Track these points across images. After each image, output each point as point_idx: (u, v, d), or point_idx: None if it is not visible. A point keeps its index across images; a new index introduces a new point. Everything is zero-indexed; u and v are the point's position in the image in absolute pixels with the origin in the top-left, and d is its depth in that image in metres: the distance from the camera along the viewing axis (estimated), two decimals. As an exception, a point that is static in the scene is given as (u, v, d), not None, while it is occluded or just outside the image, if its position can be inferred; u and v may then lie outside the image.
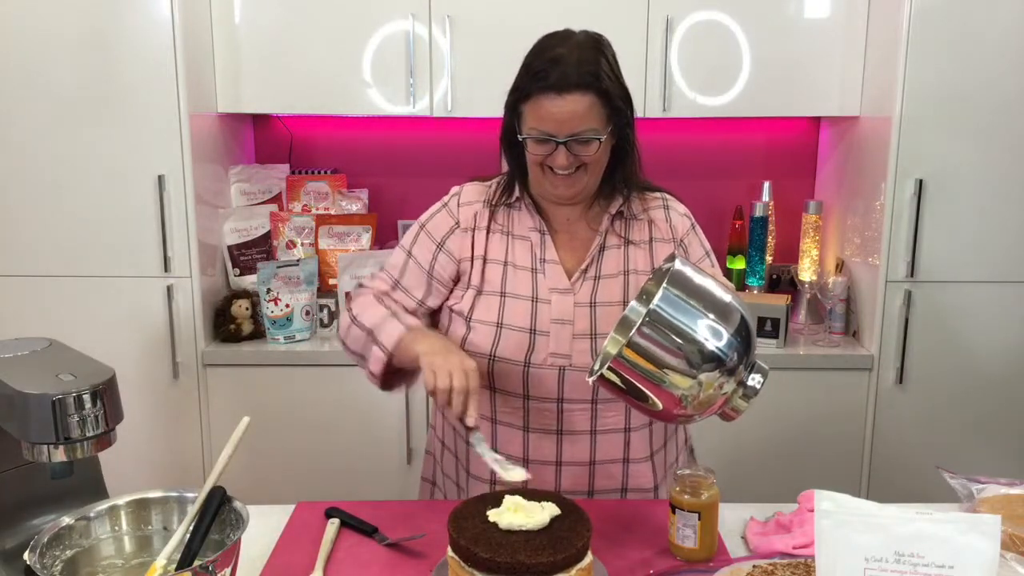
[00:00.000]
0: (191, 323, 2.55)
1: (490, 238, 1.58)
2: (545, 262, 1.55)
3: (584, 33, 1.51)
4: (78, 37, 2.40)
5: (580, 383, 1.51)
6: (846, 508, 1.12)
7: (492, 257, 1.57)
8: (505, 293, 1.55)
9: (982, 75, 2.41)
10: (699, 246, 1.61)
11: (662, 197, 1.63)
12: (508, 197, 1.58)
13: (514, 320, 1.53)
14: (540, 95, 1.42)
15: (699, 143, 3.03)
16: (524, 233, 1.57)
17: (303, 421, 2.60)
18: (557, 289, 1.54)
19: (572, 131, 1.42)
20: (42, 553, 1.14)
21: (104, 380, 1.26)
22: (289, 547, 1.41)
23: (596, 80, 1.42)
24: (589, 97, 1.42)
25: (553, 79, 1.41)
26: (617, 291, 1.54)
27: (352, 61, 2.62)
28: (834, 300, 2.66)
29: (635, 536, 1.43)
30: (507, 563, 1.17)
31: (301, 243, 2.78)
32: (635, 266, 1.56)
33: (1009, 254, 2.50)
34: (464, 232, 1.58)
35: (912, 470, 2.58)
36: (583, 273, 1.55)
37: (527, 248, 1.57)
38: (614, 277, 1.55)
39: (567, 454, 1.56)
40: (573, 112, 1.41)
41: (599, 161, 1.49)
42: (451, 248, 1.58)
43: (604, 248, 1.56)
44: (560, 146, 1.43)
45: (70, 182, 2.48)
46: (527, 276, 1.55)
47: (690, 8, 2.59)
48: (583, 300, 1.53)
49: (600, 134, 1.44)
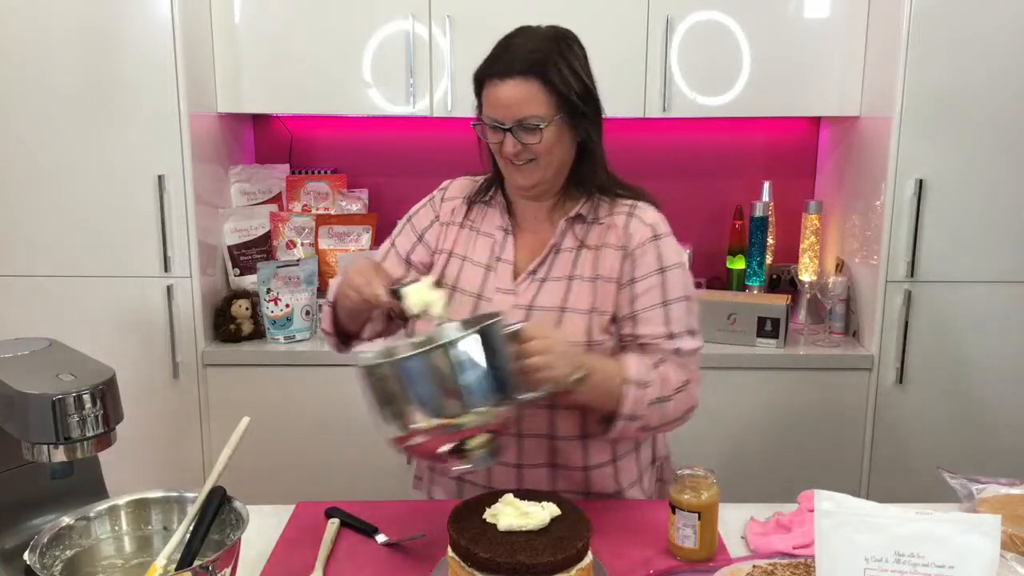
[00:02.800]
0: (191, 323, 2.55)
1: (460, 233, 1.61)
2: (499, 260, 1.56)
3: (551, 27, 1.52)
4: (78, 37, 2.40)
5: None
6: (846, 508, 1.12)
7: (456, 252, 1.60)
8: (456, 288, 1.57)
9: (982, 75, 2.41)
10: (653, 259, 1.51)
11: (632, 204, 1.56)
12: (485, 194, 1.61)
13: (456, 316, 1.53)
14: (487, 81, 1.45)
15: (699, 143, 3.03)
16: (491, 231, 1.59)
17: (303, 421, 2.60)
18: (502, 289, 1.54)
19: (516, 117, 1.43)
20: (42, 553, 1.14)
21: (104, 380, 1.26)
22: (289, 547, 1.41)
23: (541, 67, 1.43)
24: (532, 83, 1.42)
25: (499, 64, 1.44)
26: (557, 296, 1.52)
27: (352, 61, 2.62)
28: (834, 300, 2.66)
29: (635, 536, 1.43)
30: (507, 563, 1.17)
31: (301, 243, 2.78)
32: (582, 271, 1.52)
33: (1009, 254, 2.50)
34: (442, 226, 1.62)
35: (912, 470, 2.58)
36: (530, 275, 1.54)
37: (488, 245, 1.58)
38: (558, 281, 1.53)
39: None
40: (515, 97, 1.42)
41: (551, 153, 1.48)
42: (428, 240, 1.63)
43: (559, 251, 1.54)
44: (507, 133, 1.44)
45: (70, 182, 2.48)
46: (479, 273, 1.57)
47: (690, 8, 2.59)
48: (523, 302, 1.52)
49: (543, 121, 1.43)
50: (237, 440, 1.31)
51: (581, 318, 1.50)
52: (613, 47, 2.59)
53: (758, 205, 2.82)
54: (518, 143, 1.45)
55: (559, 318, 1.50)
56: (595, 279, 1.52)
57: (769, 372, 2.58)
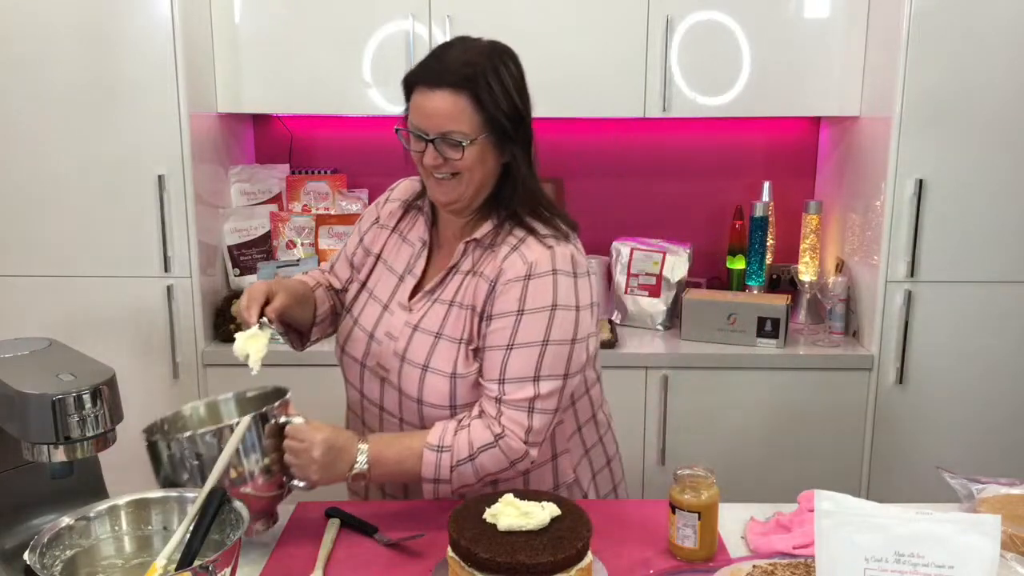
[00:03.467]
0: (191, 323, 2.55)
1: (389, 238, 1.62)
2: (410, 273, 1.56)
3: (490, 41, 1.46)
4: (78, 37, 2.40)
5: (393, 398, 1.53)
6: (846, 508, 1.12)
7: (383, 256, 1.61)
8: (372, 293, 1.59)
9: (982, 75, 2.41)
10: (514, 299, 1.42)
11: (523, 237, 1.46)
12: (418, 202, 1.60)
13: (364, 321, 1.57)
14: (416, 88, 1.42)
15: (699, 143, 3.03)
16: (413, 240, 1.59)
17: (303, 421, 2.59)
18: (402, 304, 1.55)
19: (441, 129, 1.40)
20: (42, 553, 1.14)
21: (104, 380, 1.26)
22: (289, 547, 1.41)
23: (471, 82, 1.38)
24: (461, 98, 1.38)
25: (429, 73, 1.40)
26: (438, 320, 1.49)
27: (352, 61, 2.62)
28: (834, 300, 2.66)
29: (635, 536, 1.43)
30: (507, 563, 1.17)
31: (301, 243, 2.78)
32: (462, 298, 1.49)
33: (1009, 254, 2.50)
34: (379, 228, 1.64)
35: (912, 470, 2.58)
36: (428, 293, 1.52)
37: (407, 255, 1.58)
38: (444, 304, 1.50)
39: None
40: (441, 109, 1.39)
41: (473, 170, 1.43)
42: (366, 242, 1.65)
43: (456, 272, 1.51)
44: (428, 144, 1.41)
45: (70, 182, 2.48)
46: (392, 282, 1.58)
47: (690, 8, 2.59)
48: (412, 321, 1.51)
49: (467, 138, 1.40)
50: (237, 440, 1.31)
51: (452, 347, 1.48)
52: (613, 47, 2.59)
53: (758, 205, 2.82)
54: (439, 156, 1.41)
55: (434, 343, 1.48)
56: (467, 308, 1.48)
57: (769, 372, 2.58)
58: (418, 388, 1.49)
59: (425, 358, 1.48)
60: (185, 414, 1.50)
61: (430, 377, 1.48)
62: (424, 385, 1.48)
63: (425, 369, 1.48)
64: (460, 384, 1.47)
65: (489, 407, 1.44)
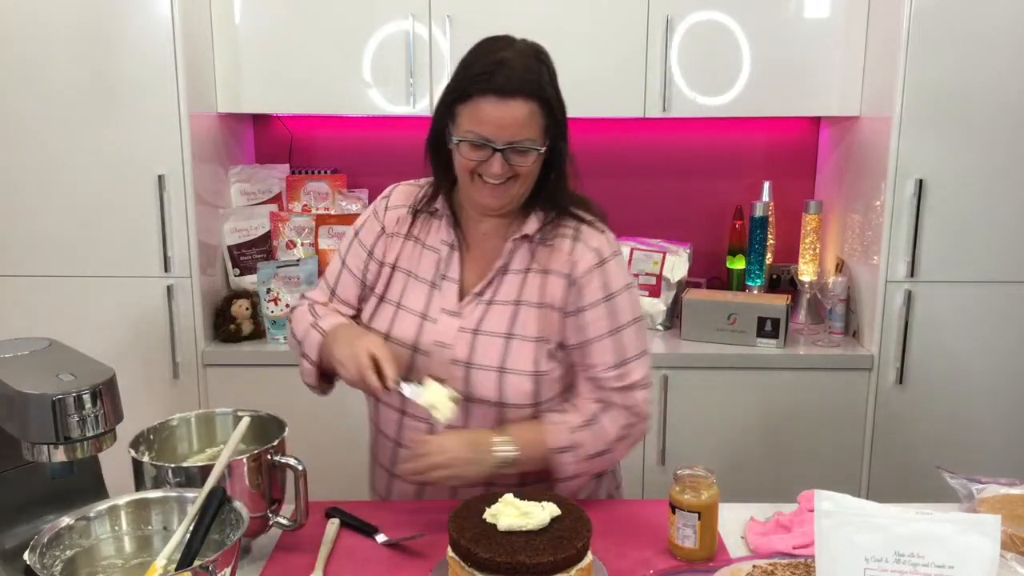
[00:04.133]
0: (191, 323, 2.55)
1: (404, 245, 1.56)
2: (444, 279, 1.52)
3: (524, 41, 1.46)
4: (78, 37, 2.40)
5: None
6: (846, 508, 1.12)
7: (400, 265, 1.55)
8: (400, 305, 1.53)
9: (982, 75, 2.41)
10: (598, 288, 1.48)
11: (576, 226, 1.51)
12: (430, 205, 1.55)
13: (400, 334, 1.51)
14: (481, 97, 1.37)
15: (699, 143, 3.03)
16: (436, 245, 1.54)
17: (303, 421, 2.58)
18: (447, 310, 1.50)
19: (511, 139, 1.38)
20: (42, 553, 1.14)
21: (104, 380, 1.26)
22: (289, 547, 1.41)
23: (539, 89, 1.39)
24: (531, 105, 1.38)
25: (497, 82, 1.36)
26: (504, 321, 1.48)
27: (352, 61, 2.62)
28: (834, 300, 2.66)
29: (635, 536, 1.43)
30: (507, 563, 1.17)
31: (301, 243, 2.78)
32: (528, 296, 1.49)
33: (1009, 254, 2.50)
34: (388, 237, 1.57)
35: (912, 470, 2.58)
36: (477, 296, 1.50)
37: (433, 261, 1.54)
38: (505, 305, 1.49)
39: None
40: (515, 118, 1.37)
41: (532, 174, 1.44)
42: (377, 255, 1.57)
43: (507, 272, 1.50)
44: (496, 153, 1.38)
45: (70, 182, 2.48)
46: (424, 290, 1.53)
47: (690, 8, 2.59)
48: (468, 326, 1.49)
49: (538, 145, 1.40)
50: (237, 440, 1.31)
51: (529, 346, 1.47)
52: (613, 47, 2.59)
53: (758, 205, 2.82)
54: (506, 164, 1.40)
55: (504, 344, 1.47)
56: (541, 306, 1.48)
57: (769, 372, 2.58)
58: (497, 391, 1.47)
59: (499, 360, 1.47)
60: (172, 424, 1.48)
61: (510, 378, 1.46)
62: (504, 387, 1.47)
63: (502, 371, 1.47)
64: (543, 382, 1.48)
65: (617, 397, 1.48)
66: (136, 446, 1.37)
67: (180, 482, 1.30)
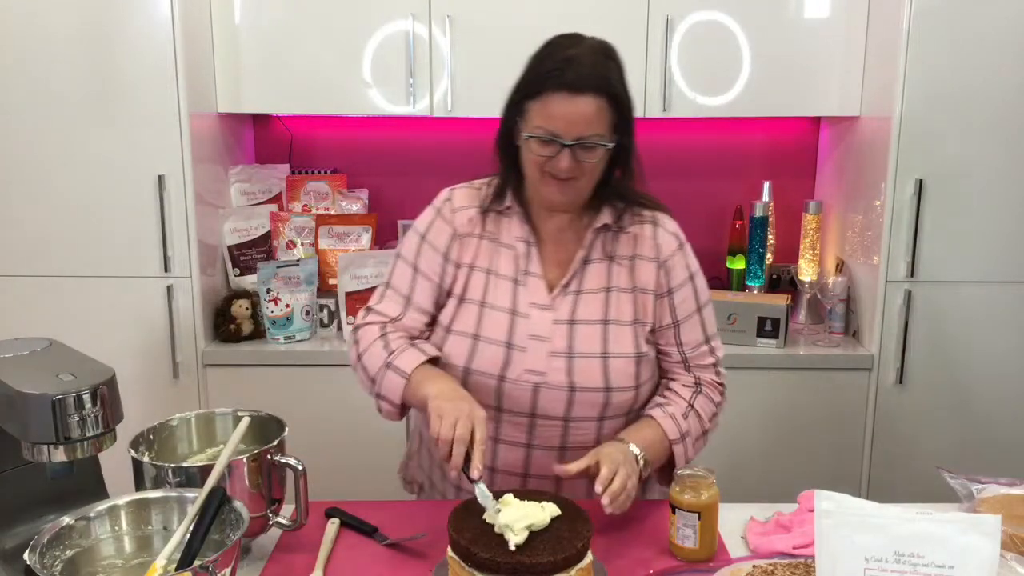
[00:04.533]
0: (191, 323, 2.55)
1: (480, 245, 1.55)
2: (527, 274, 1.53)
3: (593, 39, 1.48)
4: (78, 37, 2.40)
5: (553, 400, 1.49)
6: (846, 508, 1.12)
7: (477, 265, 1.54)
8: (485, 303, 1.52)
9: (982, 75, 2.41)
10: (683, 268, 1.56)
11: (652, 215, 1.57)
12: (499, 203, 1.55)
13: (491, 332, 1.50)
14: (552, 93, 1.39)
15: (699, 143, 3.03)
16: (511, 242, 1.55)
17: (303, 421, 2.58)
18: (537, 304, 1.51)
19: (580, 134, 1.40)
20: (42, 553, 1.14)
21: (104, 380, 1.26)
22: (289, 547, 1.41)
23: (608, 85, 1.40)
24: (601, 101, 1.39)
25: (568, 78, 1.38)
26: (597, 308, 1.51)
27: (352, 61, 2.62)
28: (834, 300, 2.66)
29: (635, 536, 1.43)
30: (507, 563, 1.17)
31: (301, 243, 2.78)
32: (618, 283, 1.53)
33: (1009, 254, 2.50)
34: (461, 239, 1.56)
35: (912, 470, 2.58)
36: (564, 288, 1.52)
37: (511, 258, 1.54)
38: (595, 293, 1.52)
39: (535, 465, 1.53)
40: (584, 114, 1.39)
41: (598, 170, 1.47)
42: (453, 258, 1.55)
43: (588, 262, 1.53)
44: (565, 149, 1.40)
45: (70, 182, 2.48)
46: (508, 287, 1.53)
47: (690, 8, 2.59)
48: (562, 317, 1.50)
49: (606, 141, 1.42)
50: (237, 440, 1.31)
51: (626, 329, 1.51)
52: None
53: (758, 205, 2.82)
54: (574, 160, 1.41)
55: (603, 331, 1.50)
56: (633, 290, 1.52)
57: (769, 372, 2.58)
58: (603, 376, 1.49)
59: (601, 346, 1.49)
60: (172, 424, 1.48)
61: (614, 362, 1.49)
62: (610, 371, 1.49)
63: (605, 356, 1.49)
64: (644, 363, 1.52)
65: (706, 375, 1.57)
66: (136, 446, 1.37)
67: (180, 482, 1.30)
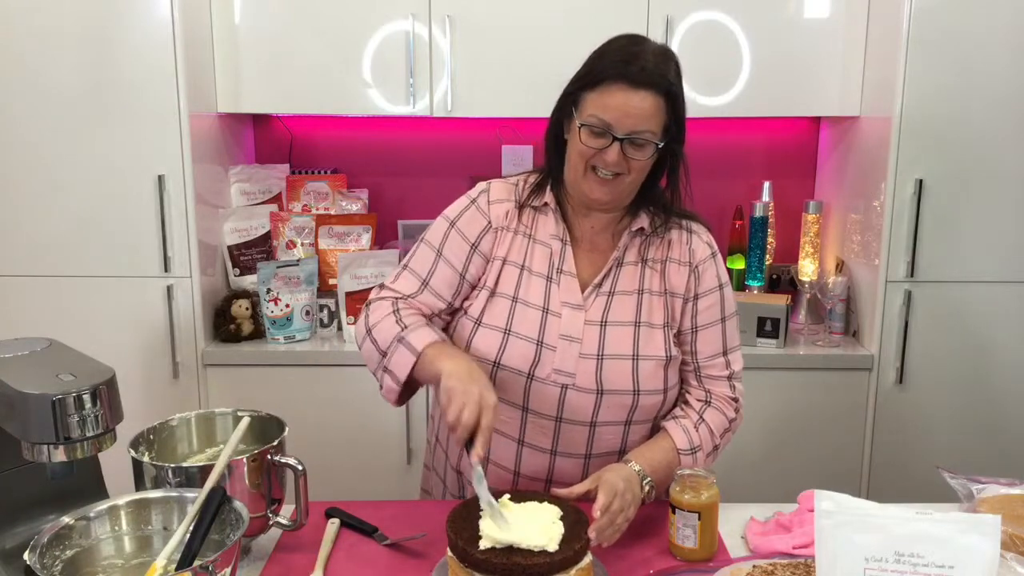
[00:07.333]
0: (191, 323, 2.55)
1: (515, 240, 1.54)
2: (561, 272, 1.51)
3: (655, 41, 1.47)
4: (78, 37, 2.40)
5: (581, 402, 1.48)
6: (846, 508, 1.12)
7: (511, 259, 1.53)
8: (517, 299, 1.50)
9: (982, 75, 2.41)
10: (714, 277, 1.55)
11: (686, 223, 1.57)
12: (537, 199, 1.54)
13: (522, 329, 1.48)
14: (613, 83, 1.38)
15: (699, 143, 3.01)
16: (545, 239, 1.53)
17: (303, 421, 2.59)
18: (569, 303, 1.50)
19: (632, 129, 1.39)
20: (42, 553, 1.14)
21: (104, 380, 1.26)
22: (289, 547, 1.41)
23: (668, 84, 1.40)
24: (659, 99, 1.39)
25: (631, 71, 1.37)
26: (630, 310, 1.50)
27: (352, 61, 2.62)
28: (834, 300, 2.66)
29: (635, 536, 1.43)
30: (506, 564, 1.17)
31: (301, 243, 2.78)
32: (651, 286, 1.52)
33: (1009, 254, 2.50)
34: (495, 232, 1.54)
35: (912, 470, 2.58)
36: (596, 288, 1.51)
37: (546, 255, 1.53)
38: (628, 295, 1.51)
39: (559, 472, 1.52)
40: (640, 109, 1.38)
41: (643, 170, 1.45)
42: (484, 249, 1.53)
43: (621, 264, 1.53)
44: (615, 142, 1.39)
45: (70, 182, 2.48)
46: (541, 284, 1.51)
47: (690, 8, 2.59)
48: (594, 318, 1.49)
49: (657, 139, 1.41)
50: (237, 440, 1.31)
51: (658, 332, 1.50)
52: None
53: (758, 205, 2.82)
54: (621, 155, 1.40)
55: (635, 332, 1.49)
56: (664, 294, 1.52)
57: (769, 372, 2.58)
58: (633, 379, 1.48)
59: (632, 348, 1.49)
60: (172, 424, 1.48)
61: (644, 365, 1.49)
62: (640, 374, 1.48)
63: (636, 359, 1.48)
64: (671, 366, 1.52)
65: (718, 387, 1.55)
66: (136, 446, 1.37)
67: (180, 482, 1.30)
